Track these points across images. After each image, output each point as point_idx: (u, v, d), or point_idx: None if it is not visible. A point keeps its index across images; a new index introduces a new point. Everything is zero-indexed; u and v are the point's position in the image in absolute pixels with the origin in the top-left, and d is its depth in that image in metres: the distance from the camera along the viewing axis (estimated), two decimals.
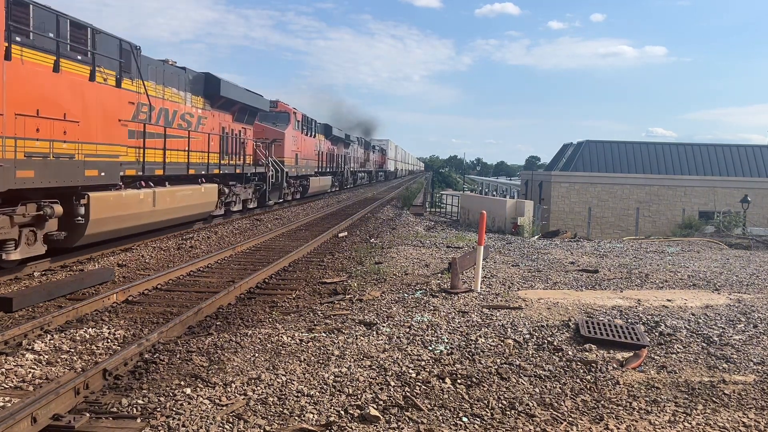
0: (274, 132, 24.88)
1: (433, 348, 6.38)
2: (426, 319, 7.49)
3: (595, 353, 6.43)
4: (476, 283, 9.48)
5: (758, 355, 6.49)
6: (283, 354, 6.05)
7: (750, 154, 40.13)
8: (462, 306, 8.31)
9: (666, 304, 8.79)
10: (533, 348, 6.53)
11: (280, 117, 25.94)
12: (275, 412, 4.69)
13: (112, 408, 4.74)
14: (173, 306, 8.37)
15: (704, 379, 5.69)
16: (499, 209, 21.58)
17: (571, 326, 7.38)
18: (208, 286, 9.80)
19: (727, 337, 7.12)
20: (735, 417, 4.86)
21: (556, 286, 10.22)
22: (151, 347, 6.21)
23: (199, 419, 4.50)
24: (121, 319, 7.63)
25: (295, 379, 5.35)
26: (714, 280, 11.14)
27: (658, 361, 6.25)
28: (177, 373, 5.49)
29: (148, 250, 12.91)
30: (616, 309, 8.40)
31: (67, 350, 6.28)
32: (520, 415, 4.76)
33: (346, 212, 24.66)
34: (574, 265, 12.58)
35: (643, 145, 41.92)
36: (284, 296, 9.15)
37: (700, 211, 36.63)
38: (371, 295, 8.86)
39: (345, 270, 11.34)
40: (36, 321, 6.89)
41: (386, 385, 5.25)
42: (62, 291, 8.67)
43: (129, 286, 8.93)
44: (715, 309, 8.55)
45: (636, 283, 10.68)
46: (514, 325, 7.34)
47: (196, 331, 7.20)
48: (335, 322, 7.30)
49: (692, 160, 40.04)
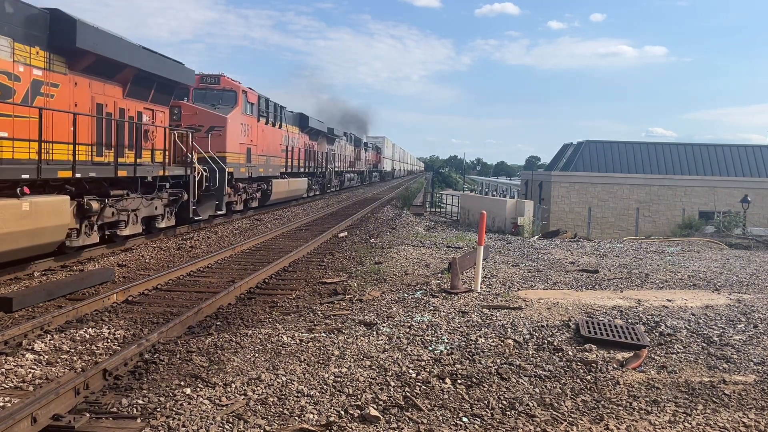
0: (211, 117, 17.99)
1: (433, 348, 6.38)
2: (426, 319, 7.49)
3: (596, 353, 6.43)
4: (476, 283, 9.47)
5: (758, 355, 6.49)
6: (283, 354, 6.05)
7: (750, 154, 40.14)
8: (462, 306, 8.31)
9: (666, 304, 8.79)
10: (533, 348, 6.53)
11: (224, 97, 19.12)
12: (275, 412, 4.69)
13: (112, 408, 4.74)
14: (173, 306, 8.37)
15: (704, 379, 5.69)
16: (499, 209, 21.58)
17: (571, 326, 7.38)
18: (208, 286, 9.80)
19: (727, 338, 7.12)
20: (735, 417, 4.86)
21: (556, 286, 10.22)
22: (151, 347, 6.21)
23: (199, 419, 4.50)
24: (121, 319, 7.63)
25: (295, 379, 5.35)
26: (714, 280, 11.14)
27: (658, 361, 6.25)
28: (177, 373, 5.49)
29: (148, 250, 12.91)
30: (617, 309, 8.40)
31: (67, 350, 6.28)
32: (520, 415, 4.76)
33: (346, 212, 24.66)
34: (574, 265, 12.58)
35: (643, 145, 41.93)
36: (284, 296, 9.15)
37: (700, 211, 36.63)
38: (371, 295, 8.86)
39: (345, 270, 11.34)
40: (36, 321, 6.89)
41: (386, 385, 5.25)
42: (62, 291, 8.67)
43: (129, 286, 8.93)
44: (715, 309, 8.55)
45: (636, 283, 10.68)
46: (514, 325, 7.34)
47: (196, 331, 7.20)
48: (335, 322, 7.30)
49: (692, 160, 40.05)
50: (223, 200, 17.67)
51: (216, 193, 17.10)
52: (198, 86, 18.77)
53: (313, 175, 31.97)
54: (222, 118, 18.16)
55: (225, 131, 18.10)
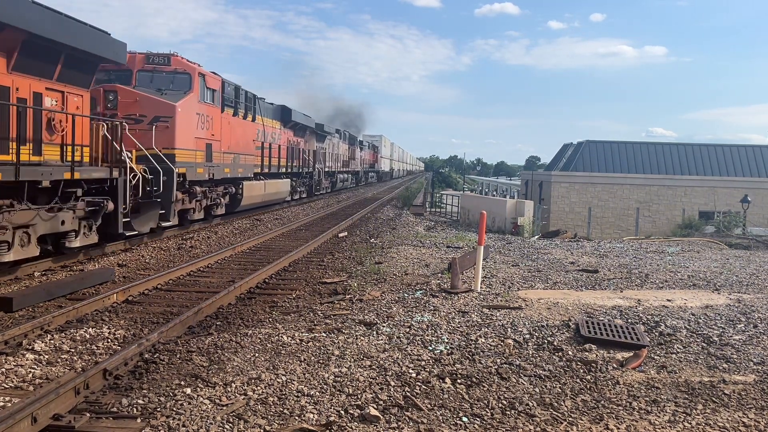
0: (156, 104, 14.48)
1: (433, 348, 6.38)
2: (426, 319, 7.49)
3: (595, 353, 6.43)
4: (476, 283, 9.48)
5: (758, 355, 6.49)
6: (283, 354, 6.05)
7: (750, 154, 40.13)
8: (462, 306, 8.31)
9: (666, 304, 8.79)
10: (533, 348, 6.53)
11: (176, 81, 15.49)
12: (275, 411, 4.70)
13: (112, 408, 4.74)
14: (173, 306, 8.37)
15: (704, 379, 5.69)
16: (499, 209, 21.58)
17: (571, 326, 7.38)
18: (208, 286, 9.80)
19: (727, 337, 7.12)
20: (735, 417, 4.86)
21: (556, 286, 10.23)
22: (151, 347, 6.21)
23: (200, 419, 4.50)
24: (121, 319, 7.63)
25: (295, 379, 5.35)
26: (714, 280, 11.14)
27: (658, 361, 6.26)
28: (177, 373, 5.49)
29: (148, 250, 12.91)
30: (616, 309, 8.40)
31: (67, 350, 6.28)
32: (520, 415, 4.76)
33: (346, 212, 24.67)
34: (574, 265, 12.58)
35: (643, 145, 41.92)
36: (284, 296, 9.15)
37: (700, 211, 36.63)
38: (371, 295, 8.86)
39: (345, 270, 11.35)
40: (36, 321, 6.90)
41: (386, 385, 5.25)
42: (62, 291, 8.68)
43: (129, 286, 8.93)
44: (715, 309, 8.55)
45: (636, 283, 10.69)
46: (514, 325, 7.34)
47: (196, 331, 7.20)
48: (335, 322, 7.30)
49: (692, 160, 40.05)
50: (172, 208, 14.24)
51: (162, 200, 13.59)
52: (143, 68, 15.41)
53: (298, 176, 28.66)
54: (169, 106, 14.50)
55: (174, 122, 14.48)
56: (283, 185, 24.46)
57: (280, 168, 24.91)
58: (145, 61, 15.50)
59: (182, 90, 15.35)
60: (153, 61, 15.58)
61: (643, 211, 36.72)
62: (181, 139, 14.88)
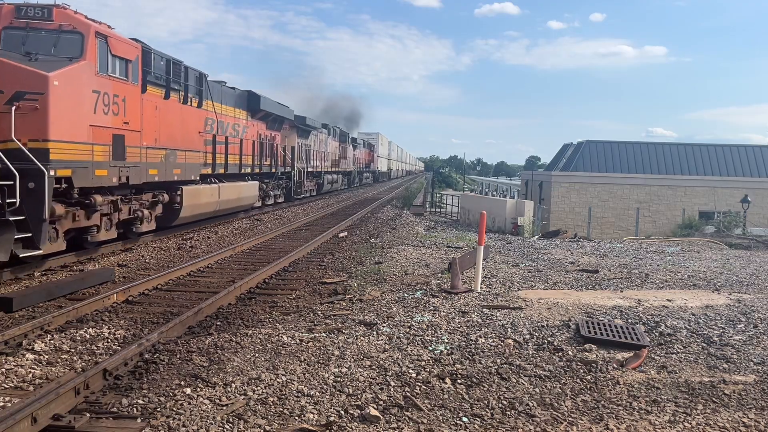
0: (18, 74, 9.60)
1: (433, 348, 6.38)
2: (426, 319, 7.49)
3: (596, 353, 6.43)
4: (476, 283, 9.48)
5: (758, 355, 6.49)
6: (283, 354, 6.05)
7: (750, 154, 40.12)
8: (462, 306, 8.31)
9: (666, 304, 8.79)
10: (533, 348, 6.53)
11: (61, 43, 10.67)
12: (275, 412, 4.70)
13: (112, 408, 4.74)
14: (173, 306, 8.37)
15: (704, 379, 5.69)
16: (499, 209, 21.59)
17: (571, 326, 7.38)
18: (208, 286, 9.80)
19: (727, 337, 7.12)
20: (735, 417, 4.86)
21: (557, 286, 10.22)
22: (151, 347, 6.21)
23: (200, 419, 4.50)
24: (121, 319, 7.63)
25: (295, 379, 5.35)
26: (714, 280, 11.14)
27: (658, 361, 6.26)
28: (177, 373, 5.49)
29: (148, 250, 12.92)
30: (616, 309, 8.40)
31: (67, 350, 6.28)
32: (520, 415, 4.76)
33: (346, 212, 24.67)
34: (574, 265, 12.58)
35: (643, 145, 41.90)
36: (284, 296, 9.15)
37: (700, 211, 36.62)
38: (371, 295, 8.86)
39: (345, 270, 11.35)
40: (36, 321, 6.90)
41: (386, 385, 5.25)
42: (62, 291, 8.68)
43: (129, 286, 8.93)
44: (715, 309, 8.55)
45: (636, 283, 10.68)
46: (514, 325, 7.34)
47: (196, 331, 7.20)
48: (335, 322, 7.30)
49: (692, 160, 40.04)
50: (42, 229, 9.42)
51: (27, 217, 9.18)
52: (12, 23, 10.63)
53: (271, 177, 23.99)
54: (39, 77, 9.66)
55: (47, 101, 9.67)
56: (248, 189, 19.87)
57: (244, 168, 20.05)
58: (15, 15, 10.68)
59: (69, 56, 10.50)
60: (27, 14, 10.71)
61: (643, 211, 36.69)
62: (62, 127, 10.03)
